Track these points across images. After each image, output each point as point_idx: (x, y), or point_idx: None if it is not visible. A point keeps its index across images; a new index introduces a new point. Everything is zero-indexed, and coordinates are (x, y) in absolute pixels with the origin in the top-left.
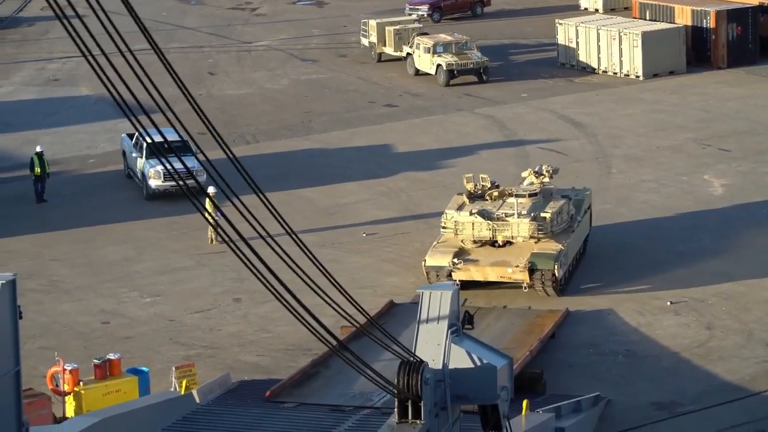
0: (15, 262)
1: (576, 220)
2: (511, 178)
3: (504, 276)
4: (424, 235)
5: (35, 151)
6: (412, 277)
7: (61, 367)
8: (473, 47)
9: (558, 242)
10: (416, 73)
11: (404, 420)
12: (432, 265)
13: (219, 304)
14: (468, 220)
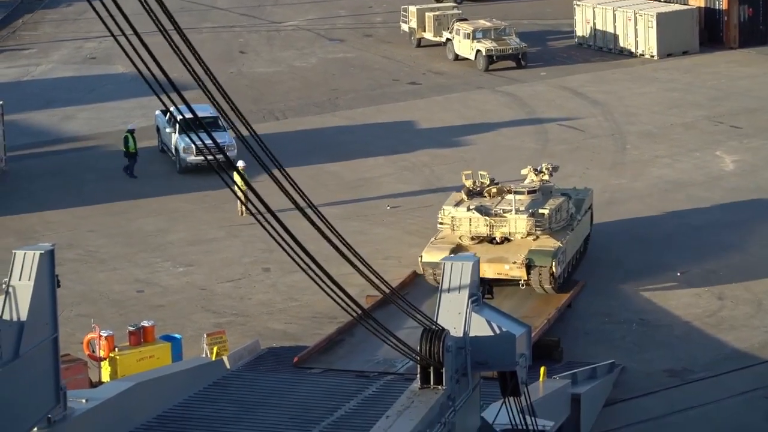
0: (54, 233)
1: (576, 219)
2: (530, 153)
3: (501, 273)
4: None
5: (128, 128)
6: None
7: (97, 333)
8: (512, 33)
9: (557, 239)
10: (456, 58)
11: (426, 386)
12: (428, 261)
13: (249, 273)
14: (465, 215)
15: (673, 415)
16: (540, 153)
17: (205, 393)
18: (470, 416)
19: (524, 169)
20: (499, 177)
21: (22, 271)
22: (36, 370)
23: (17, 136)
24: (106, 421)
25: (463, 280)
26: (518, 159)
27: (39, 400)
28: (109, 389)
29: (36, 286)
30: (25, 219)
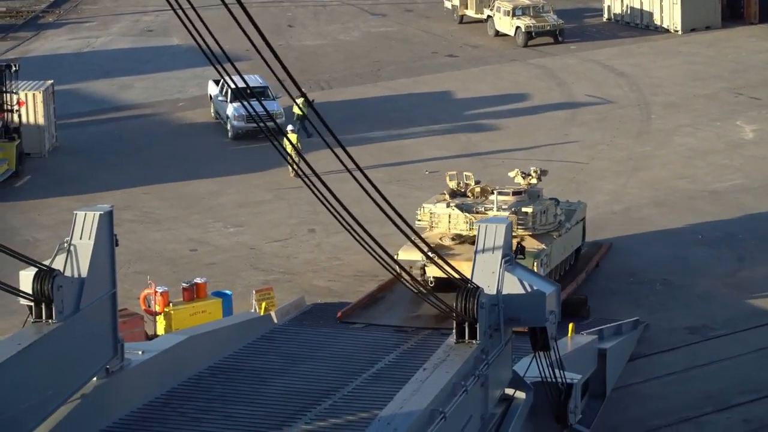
0: (112, 195)
1: (565, 226)
2: (559, 122)
3: None
4: (481, 173)
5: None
6: None
7: (153, 289)
8: (549, 10)
9: (541, 242)
10: (496, 34)
11: (461, 340)
12: (404, 259)
13: (295, 234)
14: (444, 212)
15: (694, 370)
16: (569, 122)
17: (253, 346)
18: (502, 369)
19: (512, 172)
20: (530, 145)
21: (82, 230)
22: (95, 324)
23: (78, 104)
24: (160, 372)
25: (497, 242)
26: (549, 127)
27: (98, 351)
28: (163, 342)
29: (95, 245)
30: (85, 182)
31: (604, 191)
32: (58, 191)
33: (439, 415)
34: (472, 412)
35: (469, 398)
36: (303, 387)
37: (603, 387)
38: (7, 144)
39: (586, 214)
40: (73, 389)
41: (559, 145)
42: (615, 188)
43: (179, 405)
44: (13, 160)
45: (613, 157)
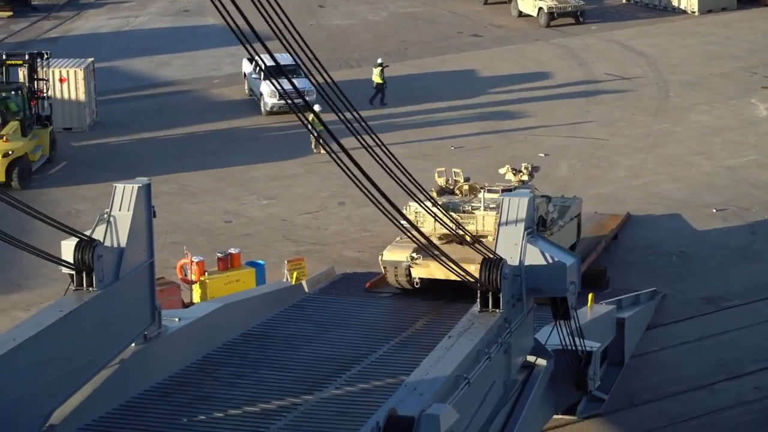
0: (150, 169)
1: (557, 224)
2: (580, 99)
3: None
4: (505, 148)
5: (377, 62)
6: None
7: (189, 259)
8: None
9: None
10: (519, 15)
11: (485, 309)
12: (389, 259)
13: (325, 206)
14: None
15: (708, 339)
16: (590, 100)
17: (285, 314)
18: (524, 337)
19: (502, 169)
20: (552, 122)
21: (121, 202)
22: (134, 292)
23: (118, 81)
24: (196, 338)
25: (520, 214)
26: (570, 105)
27: (136, 318)
28: (199, 309)
29: (134, 216)
30: (123, 155)
31: (623, 166)
32: (98, 165)
33: (464, 381)
34: (495, 379)
35: (492, 365)
36: (332, 353)
37: (621, 355)
38: (41, 131)
39: (581, 211)
40: (112, 355)
41: (580, 122)
42: (634, 164)
43: (214, 370)
44: (47, 147)
45: (632, 133)
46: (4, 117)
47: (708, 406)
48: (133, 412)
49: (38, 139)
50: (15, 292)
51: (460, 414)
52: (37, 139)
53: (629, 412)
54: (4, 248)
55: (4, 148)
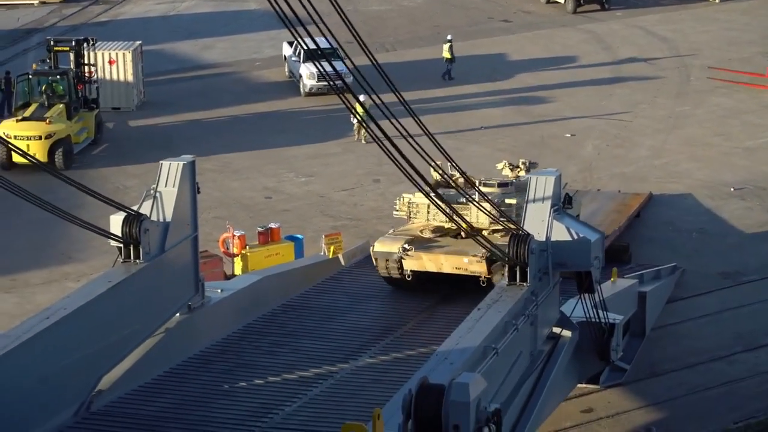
0: (194, 146)
1: None
2: (605, 82)
3: (460, 267)
4: (533, 128)
5: (446, 39)
6: None
7: (231, 233)
8: None
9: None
10: (547, 2)
11: (513, 283)
12: (380, 251)
13: (361, 183)
14: (423, 202)
15: (726, 312)
16: (614, 83)
17: (322, 286)
18: (550, 310)
19: (499, 164)
20: (578, 104)
21: (167, 179)
22: (178, 264)
23: (164, 63)
24: (238, 309)
25: (547, 192)
26: (595, 87)
27: (181, 289)
28: (240, 281)
29: (179, 192)
30: (169, 133)
31: (645, 146)
32: (145, 142)
33: (492, 351)
34: (522, 349)
35: (519, 336)
36: (367, 324)
37: (643, 327)
38: (86, 114)
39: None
40: (158, 324)
41: (605, 103)
42: (655, 144)
43: (254, 339)
44: (92, 129)
45: (654, 115)
46: (51, 100)
47: (726, 376)
48: (177, 378)
49: (84, 121)
50: (66, 263)
51: (489, 382)
52: (82, 122)
53: (650, 382)
54: (56, 222)
55: (47, 130)
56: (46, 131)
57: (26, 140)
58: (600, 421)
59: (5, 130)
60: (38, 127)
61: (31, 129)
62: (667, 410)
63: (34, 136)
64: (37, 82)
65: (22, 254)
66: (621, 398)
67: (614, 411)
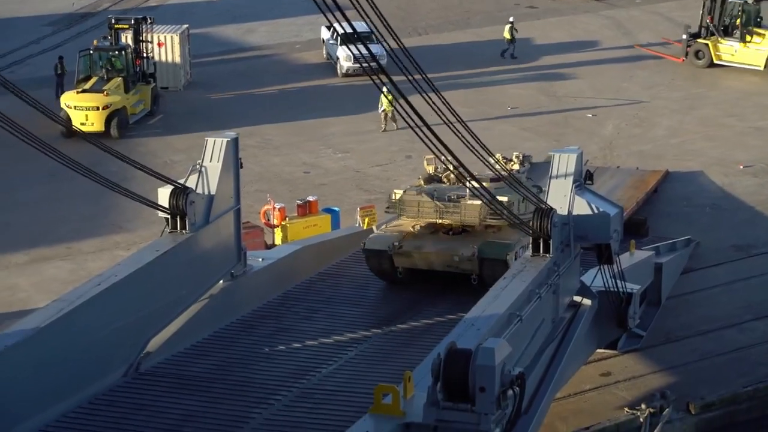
0: (237, 124)
1: None
2: (624, 66)
3: (450, 265)
4: (556, 108)
5: (509, 20)
6: (545, 143)
7: (272, 205)
8: None
9: (518, 233)
10: None
11: (537, 254)
12: (370, 248)
13: (394, 159)
14: (414, 199)
15: (738, 283)
16: (633, 66)
17: (357, 255)
18: (571, 279)
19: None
20: (599, 85)
21: (212, 154)
22: (222, 234)
23: (209, 46)
24: (277, 276)
25: (569, 169)
26: (615, 70)
27: (224, 258)
28: (280, 251)
29: (223, 167)
30: (215, 112)
31: (662, 126)
32: (191, 119)
33: (516, 318)
34: (544, 316)
35: (542, 304)
36: (399, 292)
37: (658, 296)
38: (144, 87)
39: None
40: (202, 290)
41: (624, 85)
42: (672, 124)
43: (293, 305)
44: (148, 101)
45: (671, 96)
46: (110, 74)
47: (737, 343)
48: (220, 341)
49: (140, 94)
50: (116, 233)
51: (513, 347)
52: (139, 95)
53: (665, 348)
54: (107, 194)
55: (104, 101)
56: (103, 102)
57: (85, 110)
58: (617, 384)
59: (67, 101)
60: (96, 98)
61: (90, 100)
62: (680, 375)
63: (92, 107)
64: (98, 57)
65: (77, 224)
66: (637, 363)
67: (631, 375)
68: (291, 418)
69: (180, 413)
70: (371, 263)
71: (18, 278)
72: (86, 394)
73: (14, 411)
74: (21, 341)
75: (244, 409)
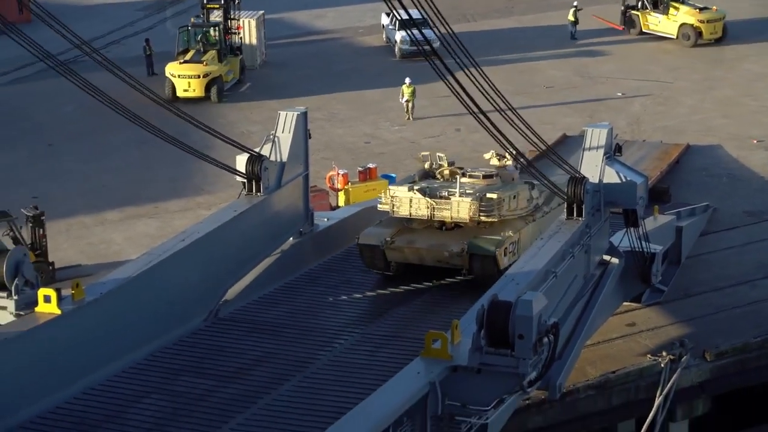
0: (307, 100)
1: (542, 210)
2: (651, 50)
3: (441, 260)
4: (589, 88)
5: (573, 4)
6: (579, 118)
7: (336, 171)
8: None
9: (509, 228)
10: None
11: (570, 217)
12: (364, 243)
13: (445, 132)
14: (406, 195)
15: (750, 245)
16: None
17: None
18: (601, 240)
19: (487, 154)
20: (628, 67)
21: (284, 126)
22: (292, 197)
23: (282, 30)
24: (341, 234)
25: (600, 142)
26: (643, 54)
27: (294, 218)
28: (343, 212)
29: (293, 137)
30: (286, 88)
31: (684, 105)
32: (266, 95)
33: (552, 274)
34: (577, 273)
35: (575, 262)
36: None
37: (679, 256)
38: (233, 59)
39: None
40: (274, 246)
41: (650, 67)
42: (693, 103)
43: (354, 260)
44: (237, 71)
45: (692, 78)
46: (205, 47)
47: (749, 298)
48: (289, 291)
49: (230, 64)
50: (199, 195)
51: (549, 300)
52: (229, 65)
53: (684, 302)
54: (191, 160)
55: (204, 70)
56: (204, 71)
57: (187, 78)
58: (641, 334)
59: (171, 70)
60: (197, 68)
61: (192, 69)
62: (697, 326)
63: (194, 75)
64: (194, 32)
65: (164, 186)
66: (659, 315)
67: (653, 325)
68: (352, 359)
69: (254, 354)
70: (365, 257)
71: (112, 233)
72: (172, 336)
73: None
74: (115, 289)
75: (311, 352)
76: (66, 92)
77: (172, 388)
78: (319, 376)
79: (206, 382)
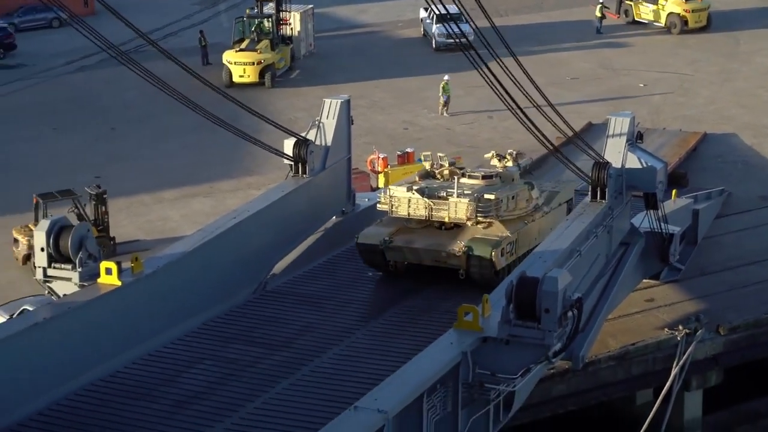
0: (350, 87)
1: (541, 210)
2: (671, 44)
3: (438, 260)
4: (612, 81)
5: (599, 1)
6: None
7: (377, 155)
8: None
9: (508, 228)
10: None
11: (594, 200)
12: (363, 242)
13: (478, 119)
14: (405, 196)
15: (762, 227)
16: (678, 44)
17: None
18: (623, 221)
19: (487, 154)
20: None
21: (329, 112)
22: (336, 178)
23: (327, 23)
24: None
25: (623, 129)
26: (663, 47)
27: (337, 198)
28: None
29: (337, 123)
30: (333, 78)
31: (701, 95)
32: (313, 83)
33: (576, 253)
34: (599, 252)
35: (598, 241)
36: None
37: (695, 236)
38: (284, 47)
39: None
40: (319, 224)
41: (670, 60)
42: (710, 93)
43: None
44: (288, 59)
45: (709, 70)
46: (259, 36)
47: (759, 276)
48: (332, 266)
49: (282, 53)
50: (249, 176)
51: (573, 276)
52: (281, 53)
53: (700, 279)
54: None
55: (258, 57)
56: (258, 59)
57: (243, 65)
58: (659, 309)
59: (228, 57)
60: (252, 55)
61: (248, 57)
62: (712, 302)
63: (249, 62)
64: (249, 23)
65: (218, 168)
66: (676, 291)
67: (670, 301)
68: (390, 329)
69: (299, 324)
70: (364, 257)
71: (169, 211)
72: (224, 306)
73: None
74: (171, 262)
75: (352, 322)
76: (128, 79)
77: (224, 354)
78: (359, 345)
79: (255, 349)
